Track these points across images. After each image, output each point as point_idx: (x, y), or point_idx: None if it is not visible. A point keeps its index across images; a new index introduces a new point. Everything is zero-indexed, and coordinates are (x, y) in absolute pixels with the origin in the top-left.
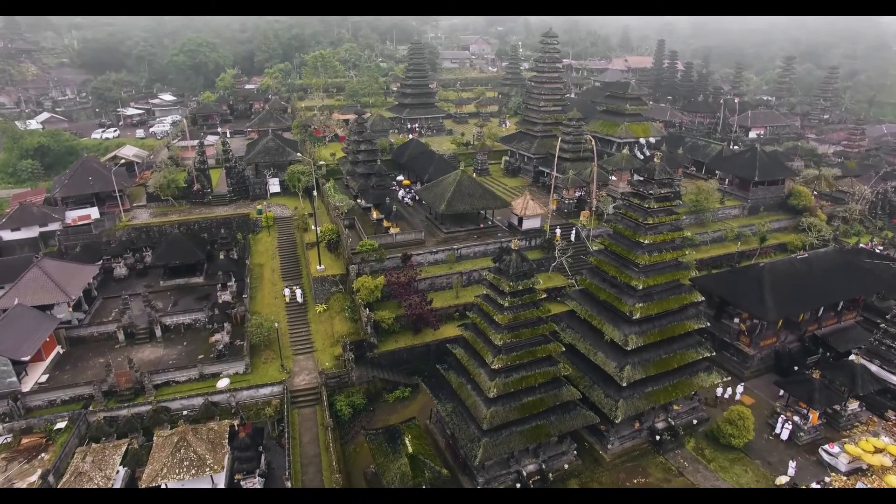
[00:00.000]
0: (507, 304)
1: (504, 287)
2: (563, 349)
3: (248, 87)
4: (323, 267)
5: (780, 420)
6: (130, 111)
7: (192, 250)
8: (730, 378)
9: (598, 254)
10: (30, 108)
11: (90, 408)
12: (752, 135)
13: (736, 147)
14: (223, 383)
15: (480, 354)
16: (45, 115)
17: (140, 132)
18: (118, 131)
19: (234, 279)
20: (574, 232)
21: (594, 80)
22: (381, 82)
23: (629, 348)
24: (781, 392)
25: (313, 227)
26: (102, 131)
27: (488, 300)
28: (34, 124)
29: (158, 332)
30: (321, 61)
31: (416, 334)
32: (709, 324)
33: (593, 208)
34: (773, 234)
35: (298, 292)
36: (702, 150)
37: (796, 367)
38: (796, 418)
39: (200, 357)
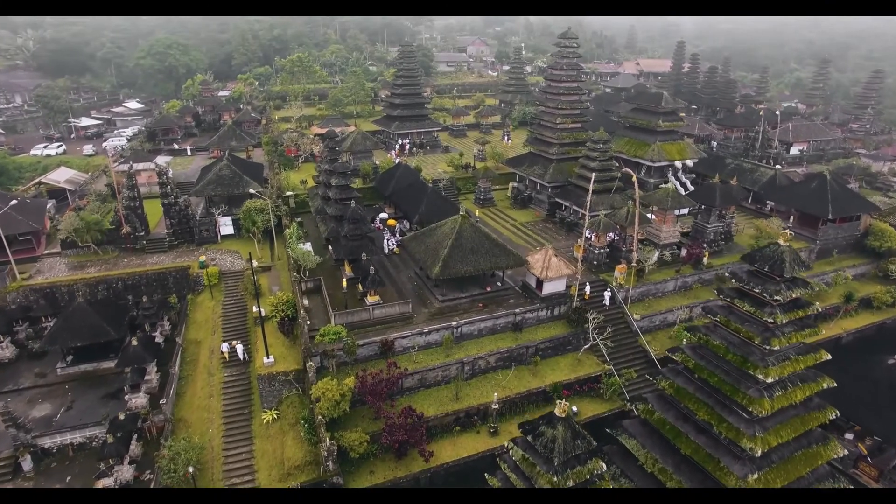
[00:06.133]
0: None
1: (542, 484)
2: None
3: (221, 93)
4: (272, 359)
5: None
6: (86, 122)
7: (101, 326)
8: None
9: (675, 376)
10: None
11: None
12: (794, 151)
13: (778, 167)
14: None
15: None
16: None
17: (88, 148)
18: (64, 146)
19: (156, 368)
20: (608, 294)
21: (604, 85)
22: (367, 88)
23: None
24: None
25: (259, 303)
26: (45, 146)
27: None
28: None
29: (28, 465)
30: (299, 66)
31: (399, 459)
32: (851, 486)
33: (633, 262)
34: (850, 284)
35: (240, 348)
36: (748, 176)
37: None
38: None
39: None
